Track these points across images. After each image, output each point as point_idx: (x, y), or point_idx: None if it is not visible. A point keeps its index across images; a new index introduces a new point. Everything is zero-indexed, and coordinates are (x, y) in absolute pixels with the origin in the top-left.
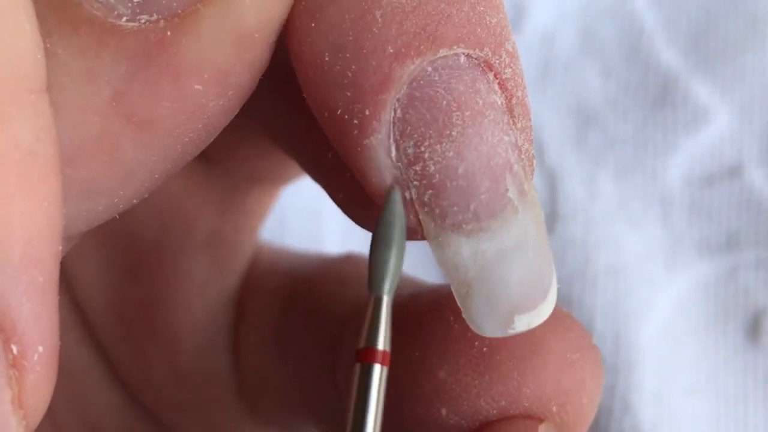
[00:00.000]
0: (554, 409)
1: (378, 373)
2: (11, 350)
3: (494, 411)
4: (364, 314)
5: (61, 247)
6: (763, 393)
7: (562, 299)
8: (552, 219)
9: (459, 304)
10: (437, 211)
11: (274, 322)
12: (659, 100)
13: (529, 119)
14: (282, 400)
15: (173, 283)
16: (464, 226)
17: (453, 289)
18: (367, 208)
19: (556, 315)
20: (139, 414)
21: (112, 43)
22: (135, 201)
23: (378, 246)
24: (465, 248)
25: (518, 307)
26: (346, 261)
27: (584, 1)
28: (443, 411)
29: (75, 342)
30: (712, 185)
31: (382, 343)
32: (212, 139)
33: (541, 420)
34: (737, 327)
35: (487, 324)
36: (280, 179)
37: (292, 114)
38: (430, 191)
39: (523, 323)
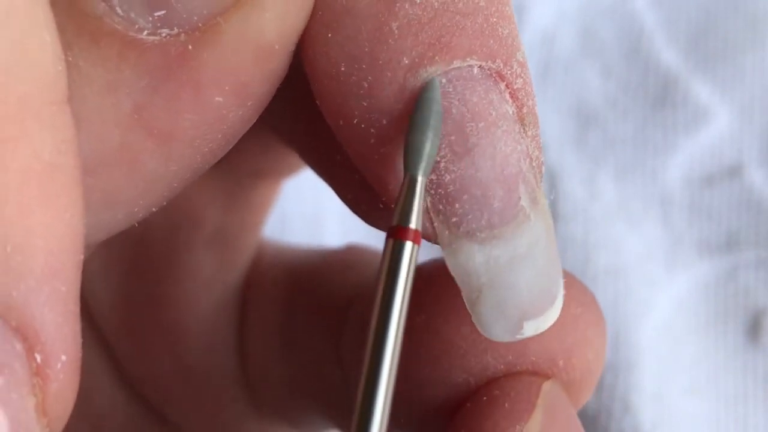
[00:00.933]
0: (561, 363)
1: (410, 251)
2: (35, 359)
3: (501, 366)
4: (399, 193)
5: (82, 257)
6: (763, 393)
7: None
8: (552, 219)
9: (469, 309)
10: (453, 219)
11: (278, 315)
12: (659, 100)
13: (538, 127)
14: (288, 392)
15: (178, 280)
16: (478, 234)
17: (463, 295)
18: (376, 206)
19: None
20: (143, 410)
21: (133, 57)
22: (154, 209)
23: (415, 128)
24: (478, 255)
25: (528, 312)
26: (348, 251)
27: (584, 1)
28: (451, 369)
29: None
30: (712, 185)
31: (415, 222)
32: (230, 147)
33: (547, 376)
34: (737, 327)
35: (496, 329)
36: (282, 172)
37: (303, 115)
38: (446, 200)
39: (531, 328)
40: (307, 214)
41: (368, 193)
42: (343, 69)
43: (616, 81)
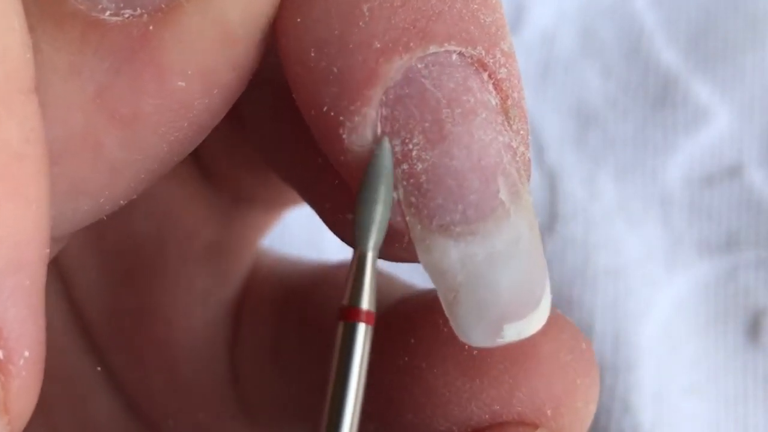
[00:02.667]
0: (549, 413)
1: (362, 333)
2: None
3: (486, 416)
4: (349, 271)
5: (48, 250)
6: (763, 393)
7: (562, 299)
8: (552, 219)
9: (446, 312)
10: (424, 212)
11: (270, 333)
12: (659, 100)
13: (526, 122)
14: (280, 409)
15: (172, 293)
16: (452, 228)
17: (440, 296)
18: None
19: (549, 315)
20: (138, 422)
21: (95, 38)
22: (122, 202)
23: (363, 198)
24: (453, 252)
25: (508, 314)
26: (343, 269)
27: (584, 1)
28: (433, 417)
29: (75, 348)
30: (712, 185)
31: (367, 302)
32: (200, 141)
33: (535, 426)
34: (737, 327)
35: (474, 332)
36: (282, 204)
37: (289, 141)
38: (417, 191)
39: (513, 332)
40: (306, 220)
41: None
42: (312, 54)
43: (616, 81)
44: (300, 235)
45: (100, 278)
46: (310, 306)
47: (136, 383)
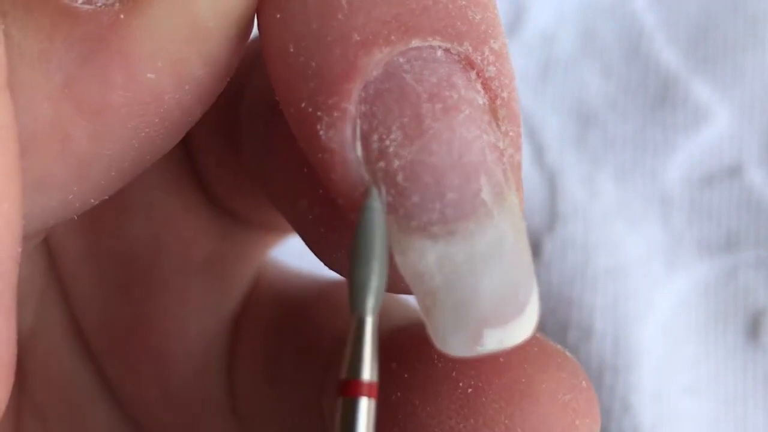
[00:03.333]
0: None
1: (365, 409)
2: None
3: None
4: (346, 340)
5: (20, 249)
6: (763, 393)
7: (562, 299)
8: (552, 219)
9: (424, 319)
10: (401, 211)
11: (268, 349)
12: (659, 100)
13: (517, 125)
14: (275, 425)
15: (168, 305)
16: (430, 228)
17: (417, 301)
18: (340, 250)
19: (547, 352)
20: None
21: (66, 26)
22: (92, 201)
23: (357, 261)
24: (430, 253)
25: (488, 319)
26: (341, 287)
27: (584, 1)
28: None
29: (71, 358)
30: (712, 185)
31: (368, 372)
32: (174, 142)
33: None
34: (737, 327)
35: (453, 339)
36: (281, 230)
37: (283, 170)
38: (394, 190)
39: (494, 340)
40: None
41: (334, 240)
42: (291, 50)
43: (616, 81)
44: (299, 244)
45: (96, 287)
46: (305, 323)
47: (131, 395)
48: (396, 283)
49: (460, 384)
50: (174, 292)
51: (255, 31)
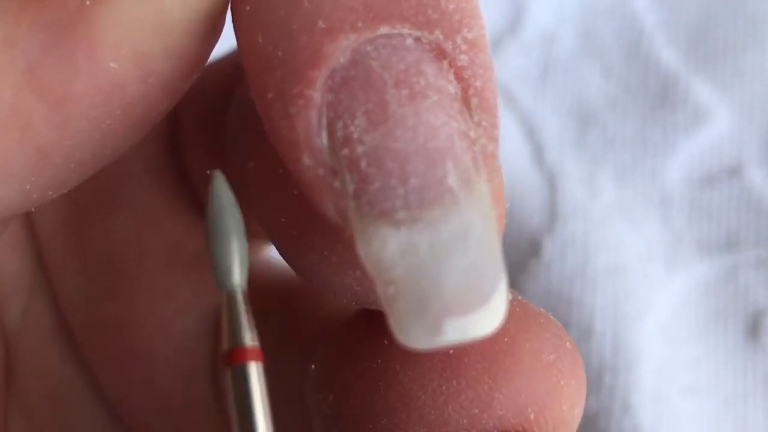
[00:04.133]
0: (531, 416)
1: (255, 372)
2: None
3: (464, 420)
4: (221, 315)
5: None
6: (763, 393)
7: (561, 299)
8: (552, 219)
9: (384, 309)
10: (364, 198)
11: None
12: (659, 100)
13: (493, 116)
14: None
15: (153, 305)
16: (393, 215)
17: (379, 293)
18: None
19: (529, 313)
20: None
21: (32, 11)
22: (51, 193)
23: (216, 236)
24: (393, 241)
25: (449, 308)
26: None
27: (584, 2)
28: (409, 422)
29: (60, 356)
30: (712, 185)
31: (249, 337)
32: (137, 137)
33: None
34: (737, 327)
35: (413, 331)
36: (263, 237)
37: (263, 181)
38: (358, 176)
39: (455, 330)
40: None
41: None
42: (259, 40)
43: (616, 81)
44: None
45: (83, 286)
46: (288, 314)
47: (117, 394)
48: (368, 294)
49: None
50: (160, 291)
51: None
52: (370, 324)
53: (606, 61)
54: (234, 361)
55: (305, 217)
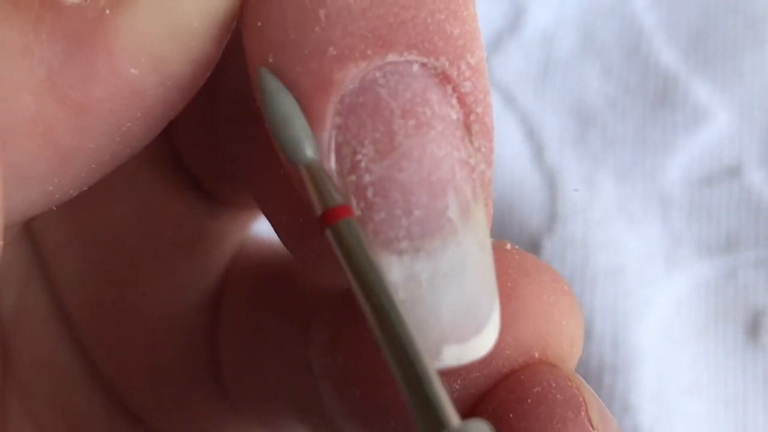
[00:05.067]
0: (536, 355)
1: (350, 226)
2: None
3: (474, 363)
4: (304, 186)
5: (2, 243)
6: (763, 393)
7: None
8: (552, 219)
9: None
10: (369, 226)
11: (250, 317)
12: (659, 100)
13: (490, 141)
14: (261, 395)
15: (152, 286)
16: (396, 244)
17: None
18: (315, 252)
19: (528, 259)
20: (122, 415)
21: (50, 20)
22: (72, 192)
23: (279, 118)
24: (396, 269)
25: (447, 336)
26: None
27: (584, 2)
28: None
29: (57, 341)
30: (712, 185)
31: (336, 198)
32: (154, 134)
33: (553, 365)
34: (737, 327)
35: None
36: (257, 211)
37: (259, 162)
38: (364, 204)
39: (452, 356)
40: None
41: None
42: (270, 60)
43: (616, 81)
44: None
45: (80, 270)
46: (286, 290)
47: (117, 374)
48: None
49: None
50: (158, 272)
51: None
52: None
53: (606, 61)
54: (332, 221)
55: (306, 219)
